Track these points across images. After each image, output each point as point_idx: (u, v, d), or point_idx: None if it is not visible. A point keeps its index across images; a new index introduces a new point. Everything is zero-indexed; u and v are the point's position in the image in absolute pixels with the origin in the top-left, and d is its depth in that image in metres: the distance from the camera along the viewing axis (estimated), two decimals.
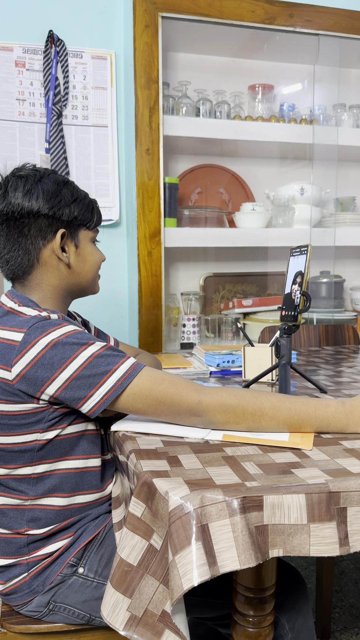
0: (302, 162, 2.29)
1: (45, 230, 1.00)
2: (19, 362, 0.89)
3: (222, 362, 1.39)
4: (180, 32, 1.97)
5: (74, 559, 0.97)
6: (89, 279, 1.08)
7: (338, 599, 1.89)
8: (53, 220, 1.00)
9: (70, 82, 1.97)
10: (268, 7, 1.94)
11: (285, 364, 1.10)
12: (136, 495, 0.76)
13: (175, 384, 0.90)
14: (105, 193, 2.03)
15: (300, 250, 1.13)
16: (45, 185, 0.99)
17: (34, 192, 0.98)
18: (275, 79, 2.23)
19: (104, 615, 0.76)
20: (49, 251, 1.01)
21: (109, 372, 0.89)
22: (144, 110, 1.85)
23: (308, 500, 0.70)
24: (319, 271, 2.28)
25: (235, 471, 0.77)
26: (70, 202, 1.01)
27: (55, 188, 1.00)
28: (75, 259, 1.04)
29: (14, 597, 0.98)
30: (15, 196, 0.98)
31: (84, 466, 0.99)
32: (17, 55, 1.91)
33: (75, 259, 1.04)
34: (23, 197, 0.97)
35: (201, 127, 1.99)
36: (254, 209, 2.11)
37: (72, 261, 1.04)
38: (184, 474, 0.76)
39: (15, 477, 0.96)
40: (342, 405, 0.91)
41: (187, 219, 2.11)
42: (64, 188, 1.01)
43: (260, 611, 0.81)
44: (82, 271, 1.06)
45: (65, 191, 1.01)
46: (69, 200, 1.01)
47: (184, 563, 0.67)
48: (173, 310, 2.14)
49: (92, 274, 1.08)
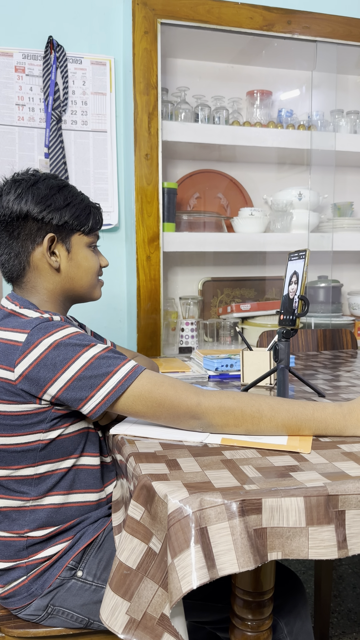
0: (300, 168, 2.30)
1: (35, 234, 1.01)
2: (22, 362, 0.89)
3: (221, 366, 1.40)
4: (179, 39, 1.98)
5: (73, 562, 0.97)
6: (84, 285, 1.08)
7: (336, 604, 1.89)
8: (42, 224, 1.01)
9: (69, 88, 1.98)
10: (266, 14, 1.95)
11: (284, 368, 1.10)
12: (135, 498, 0.77)
13: (174, 386, 0.91)
14: (104, 198, 2.04)
15: (298, 255, 1.13)
16: (38, 190, 1.00)
17: (25, 196, 0.99)
18: (273, 84, 2.24)
19: (103, 618, 0.76)
20: (39, 255, 1.02)
21: (110, 373, 0.89)
22: (143, 116, 1.86)
23: (306, 504, 0.71)
24: (317, 276, 2.29)
25: (234, 474, 0.77)
26: (62, 206, 1.02)
27: (47, 192, 1.01)
28: (67, 264, 1.05)
29: (12, 601, 0.98)
30: (7, 200, 0.99)
31: (81, 463, 0.99)
32: (17, 60, 1.92)
33: (67, 264, 1.05)
34: (14, 201, 0.99)
35: (200, 132, 2.00)
36: (252, 214, 2.12)
37: (64, 266, 1.04)
38: (182, 477, 0.76)
39: (17, 478, 0.96)
40: (340, 407, 0.92)
41: (185, 223, 2.12)
42: (57, 193, 1.02)
43: (259, 615, 0.81)
44: (76, 276, 1.06)
45: (58, 196, 1.02)
46: (61, 205, 1.02)
47: (183, 566, 0.68)
48: (172, 314, 2.15)
49: (88, 280, 1.08)
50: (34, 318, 0.94)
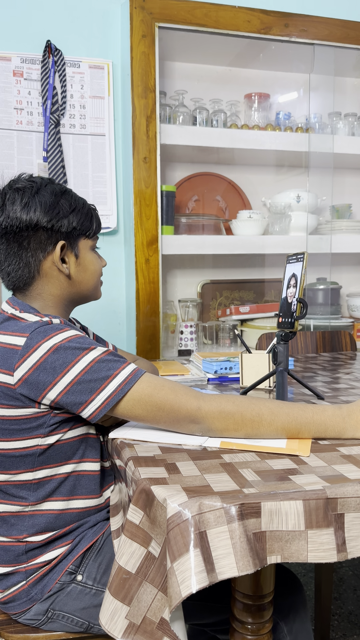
0: (298, 170, 2.30)
1: (45, 243, 1.00)
2: (22, 366, 0.89)
3: (220, 369, 1.40)
4: (177, 42, 1.98)
5: (73, 567, 0.97)
6: (90, 287, 1.08)
7: (337, 606, 1.89)
8: (52, 233, 1.00)
9: (67, 92, 1.98)
10: (264, 17, 1.96)
11: (283, 370, 1.10)
12: (134, 502, 0.77)
13: (174, 390, 0.91)
14: (102, 201, 2.04)
15: (296, 257, 1.13)
16: (43, 197, 1.00)
17: (32, 205, 0.98)
18: (271, 87, 2.25)
19: (102, 623, 0.76)
20: (49, 263, 1.01)
21: (109, 377, 0.89)
22: (141, 119, 1.87)
23: (306, 507, 0.71)
24: (316, 278, 2.29)
25: (233, 478, 0.77)
26: (68, 212, 1.01)
27: (53, 200, 1.00)
28: (75, 269, 1.05)
29: (12, 606, 0.98)
30: (14, 210, 0.98)
31: (82, 469, 0.99)
32: (15, 64, 1.93)
33: (75, 269, 1.05)
34: (21, 211, 0.98)
35: (198, 135, 2.01)
36: (250, 216, 2.12)
37: (73, 271, 1.04)
38: (182, 481, 0.76)
39: (16, 483, 0.96)
40: (339, 410, 0.92)
41: (184, 226, 2.12)
42: (61, 199, 1.02)
43: (259, 618, 0.81)
44: (84, 280, 1.07)
45: (63, 202, 1.01)
46: (67, 211, 1.01)
47: (183, 570, 0.68)
48: (171, 317, 2.15)
49: (94, 282, 1.09)
50: (34, 322, 0.94)
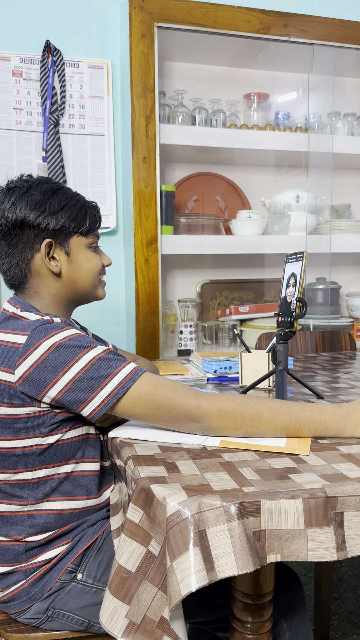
0: (298, 170, 2.30)
1: (33, 241, 1.01)
2: (22, 364, 0.89)
3: (220, 369, 1.40)
4: (176, 42, 1.98)
5: (73, 565, 0.97)
6: (86, 286, 1.08)
7: (337, 606, 1.89)
8: (39, 230, 1.00)
9: (67, 92, 1.98)
10: (263, 17, 1.96)
11: (282, 370, 1.10)
12: (134, 501, 0.77)
13: (174, 389, 0.91)
14: (102, 201, 2.04)
15: (296, 257, 1.13)
16: (32, 196, 1.00)
17: (19, 203, 0.99)
18: (270, 87, 2.25)
19: (102, 622, 0.76)
20: (39, 261, 1.02)
21: (110, 375, 0.89)
22: (140, 119, 1.87)
23: (305, 505, 0.71)
24: (315, 278, 2.30)
25: (232, 477, 0.77)
26: (56, 210, 1.01)
27: (41, 198, 1.00)
28: (68, 267, 1.05)
29: (12, 605, 0.98)
30: (3, 208, 0.99)
31: (81, 469, 0.99)
32: (14, 65, 1.93)
33: (68, 267, 1.05)
34: (9, 209, 0.99)
35: (197, 135, 2.01)
36: (250, 216, 2.12)
37: (65, 270, 1.04)
38: (181, 480, 0.76)
39: (15, 482, 0.96)
40: (339, 408, 0.92)
41: (183, 226, 2.12)
42: (51, 197, 1.02)
43: (259, 617, 0.81)
44: (78, 278, 1.06)
45: (52, 200, 1.01)
46: (56, 209, 1.01)
47: (182, 569, 0.68)
48: (170, 317, 2.15)
49: (90, 281, 1.08)
50: (34, 320, 0.94)
